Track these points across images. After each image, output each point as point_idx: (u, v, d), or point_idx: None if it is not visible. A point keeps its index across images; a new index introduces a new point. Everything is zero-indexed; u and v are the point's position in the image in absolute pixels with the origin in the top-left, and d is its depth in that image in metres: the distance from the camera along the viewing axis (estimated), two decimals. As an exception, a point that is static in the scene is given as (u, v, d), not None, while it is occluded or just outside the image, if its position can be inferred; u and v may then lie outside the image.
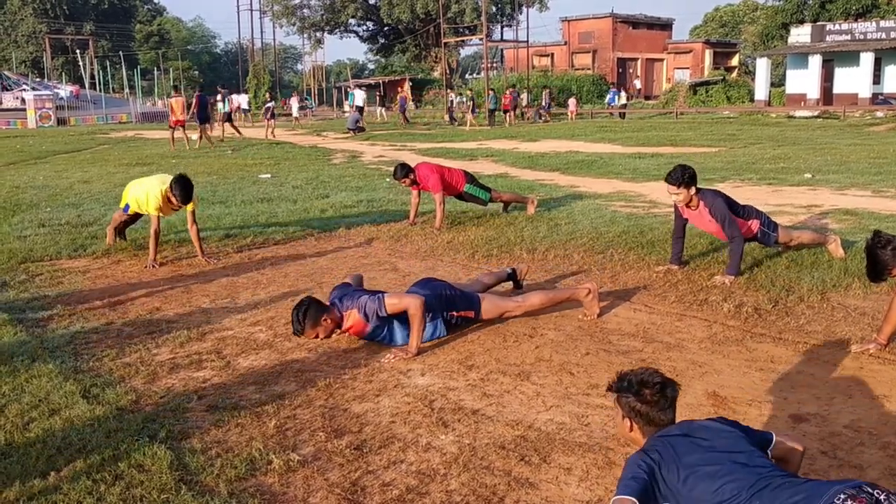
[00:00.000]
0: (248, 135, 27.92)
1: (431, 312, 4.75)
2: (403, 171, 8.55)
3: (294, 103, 38.47)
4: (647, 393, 2.56)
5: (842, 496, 2.15)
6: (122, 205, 7.63)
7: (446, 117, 36.01)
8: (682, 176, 5.86)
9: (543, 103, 37.65)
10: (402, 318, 4.67)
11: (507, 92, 34.13)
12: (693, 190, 5.91)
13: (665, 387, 2.58)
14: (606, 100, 41.22)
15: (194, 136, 22.25)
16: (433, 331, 4.80)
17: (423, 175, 8.52)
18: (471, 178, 8.86)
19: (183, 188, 6.94)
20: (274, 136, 25.91)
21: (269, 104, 28.88)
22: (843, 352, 4.46)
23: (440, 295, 4.88)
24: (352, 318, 4.68)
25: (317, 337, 4.65)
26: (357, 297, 4.73)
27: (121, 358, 4.61)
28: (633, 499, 2.40)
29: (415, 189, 8.65)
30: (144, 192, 7.19)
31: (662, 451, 2.48)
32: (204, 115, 22.38)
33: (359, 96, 33.05)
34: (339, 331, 4.75)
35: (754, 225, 6.13)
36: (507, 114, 33.18)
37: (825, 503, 2.15)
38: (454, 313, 4.91)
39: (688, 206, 6.02)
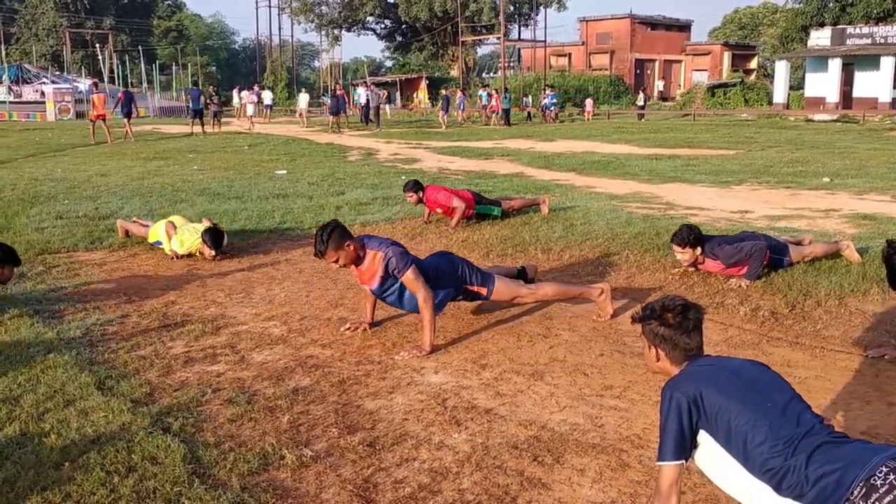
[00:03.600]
0: (267, 130, 28.00)
1: (444, 280, 4.78)
2: (413, 187, 8.45)
3: (248, 99, 34.19)
4: (669, 316, 2.51)
5: (884, 469, 2.08)
6: (151, 240, 7.40)
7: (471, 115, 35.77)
8: (688, 237, 5.85)
9: (545, 102, 35.72)
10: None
11: (494, 93, 34.01)
12: (699, 250, 5.91)
13: (688, 309, 2.52)
14: (544, 103, 36.06)
15: (202, 128, 22.41)
16: (441, 302, 4.81)
17: (431, 193, 8.43)
18: (479, 199, 8.75)
19: (214, 236, 6.99)
20: (340, 133, 26.78)
21: (333, 99, 29.99)
22: (860, 357, 4.42)
23: (456, 265, 4.92)
24: (375, 260, 4.65)
25: (336, 262, 4.61)
26: (388, 244, 4.70)
27: (136, 350, 4.63)
28: (680, 462, 2.36)
29: (425, 205, 8.56)
30: (179, 241, 7.11)
31: (697, 381, 2.39)
32: (128, 111, 23.37)
33: (363, 94, 33.72)
34: (356, 267, 4.72)
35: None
36: (494, 115, 32.84)
37: (867, 474, 2.08)
38: (467, 286, 4.92)
39: (694, 264, 6.04)
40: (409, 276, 4.61)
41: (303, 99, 34.67)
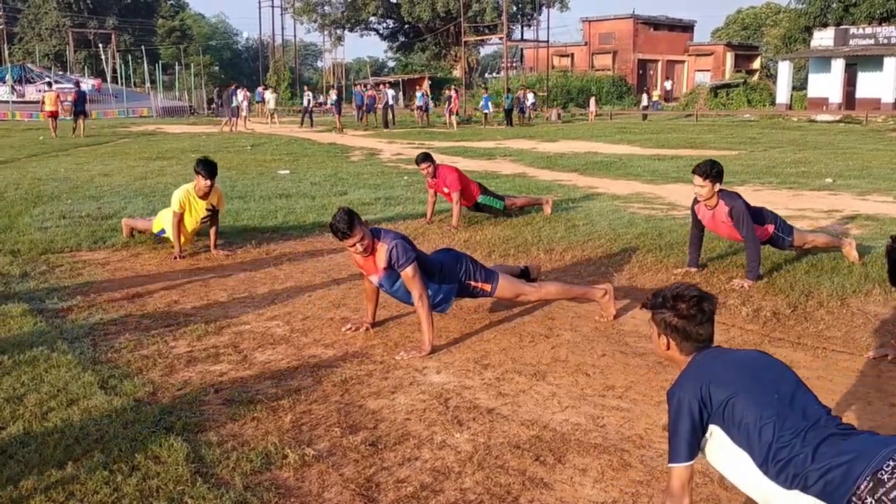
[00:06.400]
0: (270, 130, 28.01)
1: (449, 276, 4.81)
2: (427, 158, 8.54)
3: (241, 97, 30.69)
4: (683, 307, 2.44)
5: (891, 463, 2.06)
6: (156, 230, 7.50)
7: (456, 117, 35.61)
8: (711, 170, 5.88)
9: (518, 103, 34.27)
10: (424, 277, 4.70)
11: (454, 94, 33.96)
12: (717, 186, 5.91)
13: (702, 300, 2.46)
14: (479, 105, 35.04)
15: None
16: (446, 298, 4.86)
17: (444, 171, 8.51)
18: (484, 190, 8.81)
19: (206, 164, 7.11)
20: (342, 132, 27.51)
21: (336, 98, 31.27)
22: (862, 358, 4.42)
23: (461, 260, 4.94)
24: (381, 250, 4.65)
25: (353, 246, 4.57)
26: (392, 237, 4.69)
27: (139, 350, 4.64)
28: (691, 462, 2.35)
29: (431, 186, 8.63)
30: (178, 203, 7.14)
31: (703, 377, 2.36)
32: (82, 109, 24.76)
33: (390, 94, 33.96)
34: (369, 256, 4.69)
35: (769, 228, 6.12)
36: (451, 116, 32.71)
37: (874, 468, 2.07)
38: (471, 282, 4.93)
39: (707, 202, 5.99)
40: (407, 272, 4.60)
41: (274, 99, 34.79)
